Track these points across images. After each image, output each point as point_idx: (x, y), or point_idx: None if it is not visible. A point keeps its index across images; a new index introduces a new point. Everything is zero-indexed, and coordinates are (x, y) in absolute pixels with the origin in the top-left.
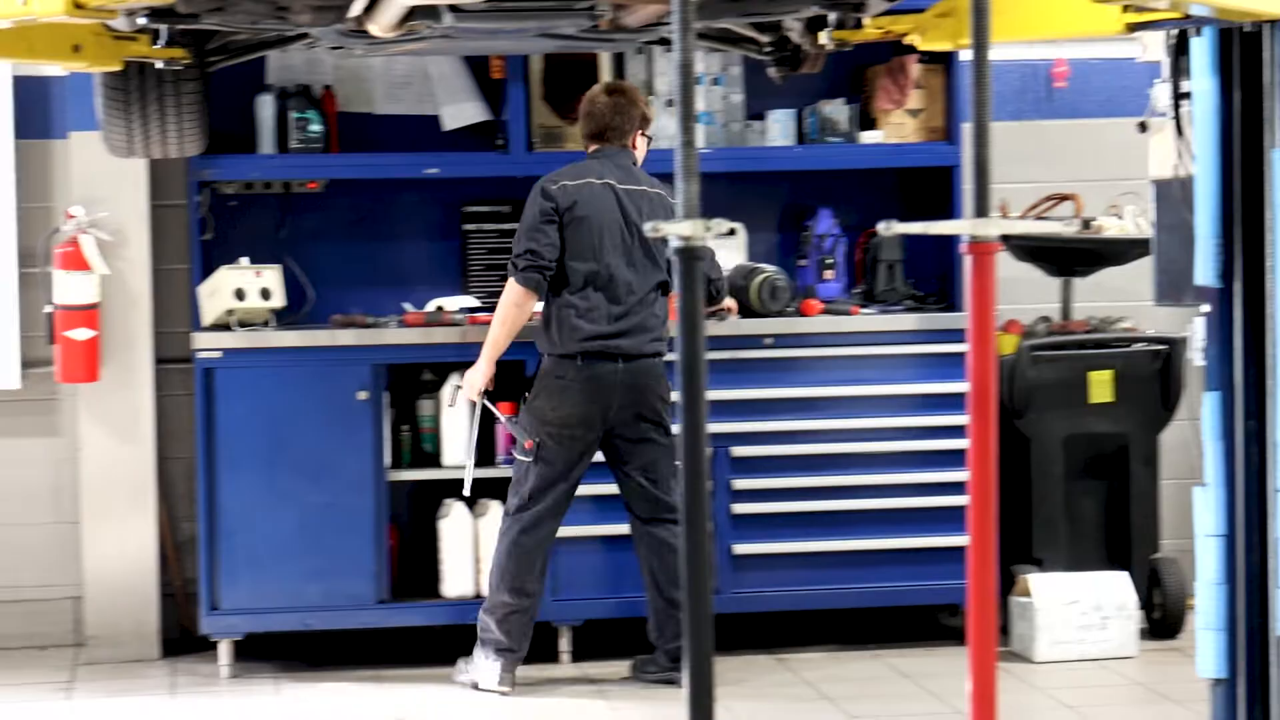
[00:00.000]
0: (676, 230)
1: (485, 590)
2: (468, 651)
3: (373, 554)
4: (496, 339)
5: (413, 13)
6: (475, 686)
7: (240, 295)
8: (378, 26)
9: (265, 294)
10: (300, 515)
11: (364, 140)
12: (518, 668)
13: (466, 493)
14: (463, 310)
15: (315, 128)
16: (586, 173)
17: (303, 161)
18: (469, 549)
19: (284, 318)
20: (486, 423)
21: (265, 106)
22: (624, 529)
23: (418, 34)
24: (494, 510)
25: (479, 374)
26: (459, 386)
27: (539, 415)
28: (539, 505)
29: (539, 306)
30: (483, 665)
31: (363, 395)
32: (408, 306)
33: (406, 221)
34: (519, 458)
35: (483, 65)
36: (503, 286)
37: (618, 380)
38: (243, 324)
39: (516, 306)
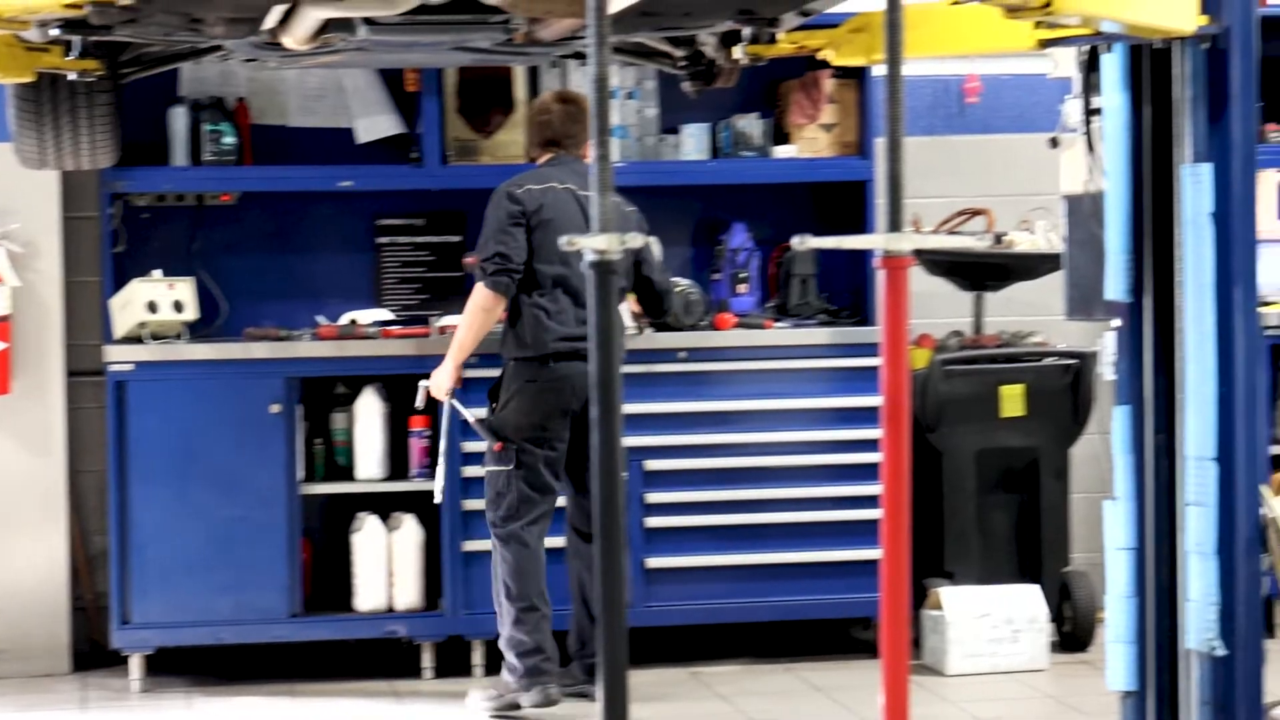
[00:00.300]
0: (591, 244)
1: (399, 603)
2: (380, 665)
3: (285, 567)
4: (463, 342)
5: (327, 25)
6: (515, 708)
7: (153, 308)
8: (292, 39)
9: (178, 307)
10: (212, 529)
11: (277, 153)
12: (556, 675)
13: (438, 499)
14: (376, 323)
15: (228, 140)
16: (548, 178)
17: (216, 174)
18: (382, 562)
19: (197, 331)
20: (403, 430)
21: (178, 118)
22: None
23: (332, 47)
24: (407, 523)
25: (445, 375)
26: (426, 387)
27: (513, 422)
28: (529, 515)
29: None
30: (523, 693)
31: (275, 408)
32: (321, 319)
33: (320, 234)
34: (492, 468)
35: (397, 78)
36: (415, 300)
37: (587, 382)
38: (155, 337)
39: (485, 311)
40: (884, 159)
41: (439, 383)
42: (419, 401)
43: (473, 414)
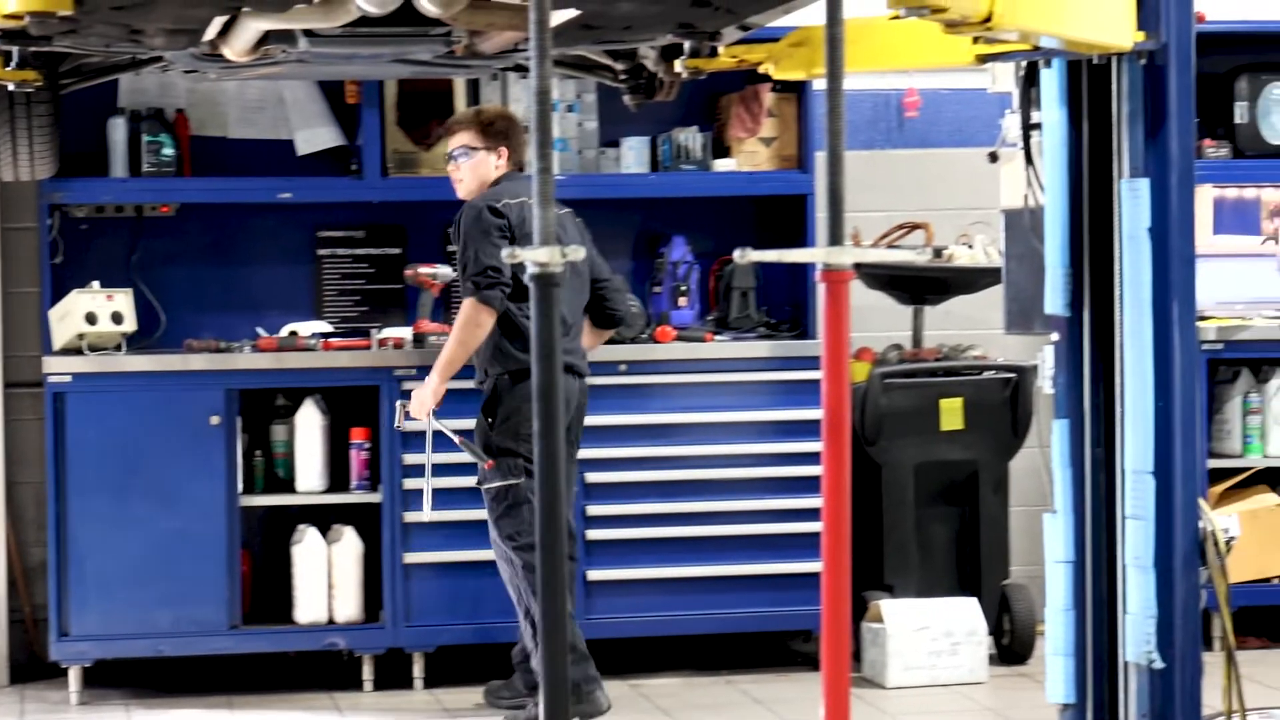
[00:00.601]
0: (532, 256)
1: (339, 615)
2: (320, 678)
3: (225, 580)
4: (453, 358)
5: (267, 37)
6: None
7: (91, 319)
8: (232, 50)
9: (117, 318)
10: (152, 541)
11: (217, 164)
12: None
13: (427, 517)
14: (316, 335)
15: (168, 151)
16: (517, 192)
17: (155, 185)
18: (322, 575)
19: (136, 342)
20: (343, 442)
21: (117, 129)
22: (478, 555)
23: (272, 58)
24: (347, 535)
25: (429, 392)
26: (405, 406)
27: (514, 434)
28: None
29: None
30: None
31: (215, 420)
32: (261, 331)
33: (260, 246)
34: (497, 484)
35: (337, 90)
36: (356, 312)
37: (574, 394)
38: (94, 348)
39: (476, 325)
40: (824, 173)
41: (422, 400)
42: (398, 421)
43: (454, 430)
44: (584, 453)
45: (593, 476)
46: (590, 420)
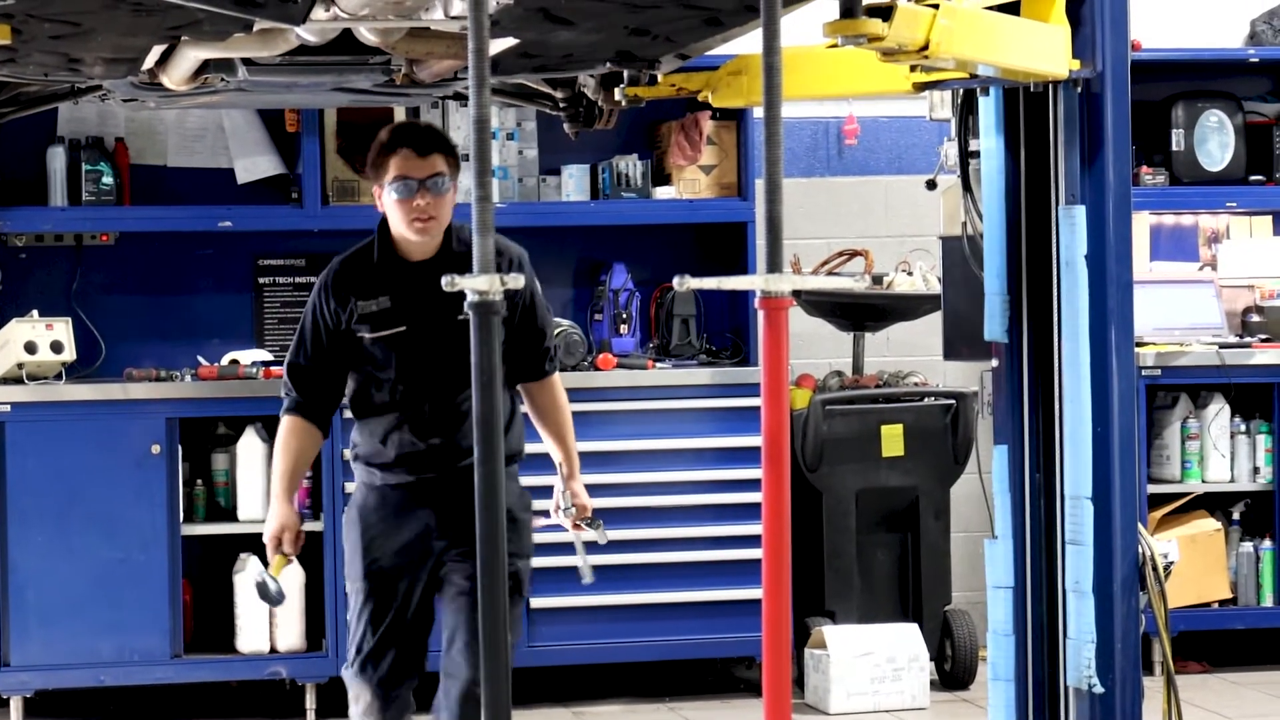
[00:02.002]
0: (472, 285)
1: (282, 644)
2: (262, 706)
3: (166, 609)
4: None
5: (206, 65)
6: None
7: (31, 349)
8: (171, 79)
9: (56, 347)
10: (93, 570)
11: (157, 193)
12: None
13: (588, 580)
14: (257, 364)
15: (107, 180)
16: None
17: (94, 214)
18: (264, 604)
19: (75, 371)
20: None
21: (56, 158)
22: None
23: (212, 87)
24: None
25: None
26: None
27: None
28: None
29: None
30: None
31: (156, 449)
32: (202, 360)
33: (200, 275)
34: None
35: (277, 118)
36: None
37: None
38: (33, 377)
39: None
40: (763, 200)
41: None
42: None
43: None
44: (525, 480)
45: (534, 503)
46: (530, 448)
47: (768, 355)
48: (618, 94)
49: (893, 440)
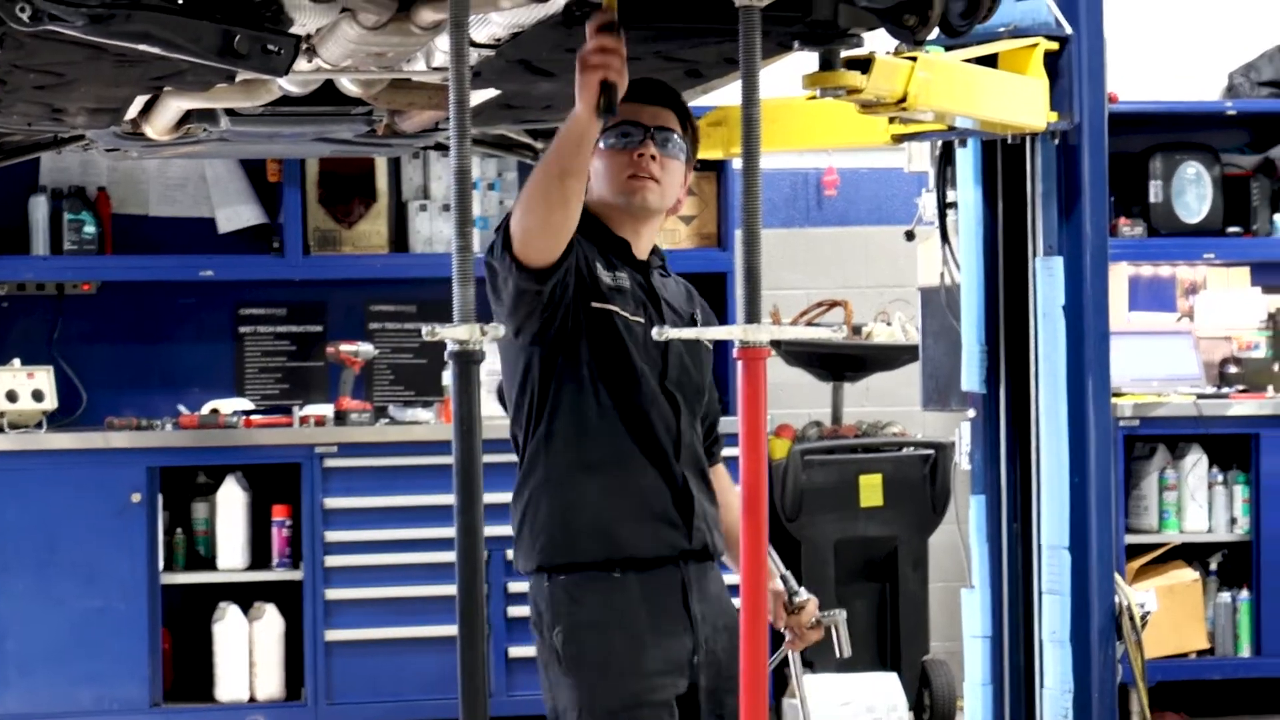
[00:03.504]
0: (452, 334)
1: (261, 693)
2: None
3: (146, 658)
4: None
5: (189, 115)
6: None
7: (12, 397)
8: (154, 129)
9: (37, 396)
10: (73, 619)
11: (138, 242)
12: None
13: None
14: (237, 413)
15: (89, 229)
16: None
17: (76, 263)
18: (243, 652)
19: (56, 420)
20: (265, 519)
21: (39, 207)
22: (400, 632)
23: (194, 137)
24: (269, 613)
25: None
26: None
27: None
28: None
29: None
30: None
31: (136, 498)
32: (182, 409)
33: (181, 324)
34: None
35: (259, 168)
36: (277, 389)
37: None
38: (14, 426)
39: None
40: (742, 250)
41: None
42: None
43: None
44: (505, 530)
45: (513, 554)
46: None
47: (746, 405)
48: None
49: (871, 490)
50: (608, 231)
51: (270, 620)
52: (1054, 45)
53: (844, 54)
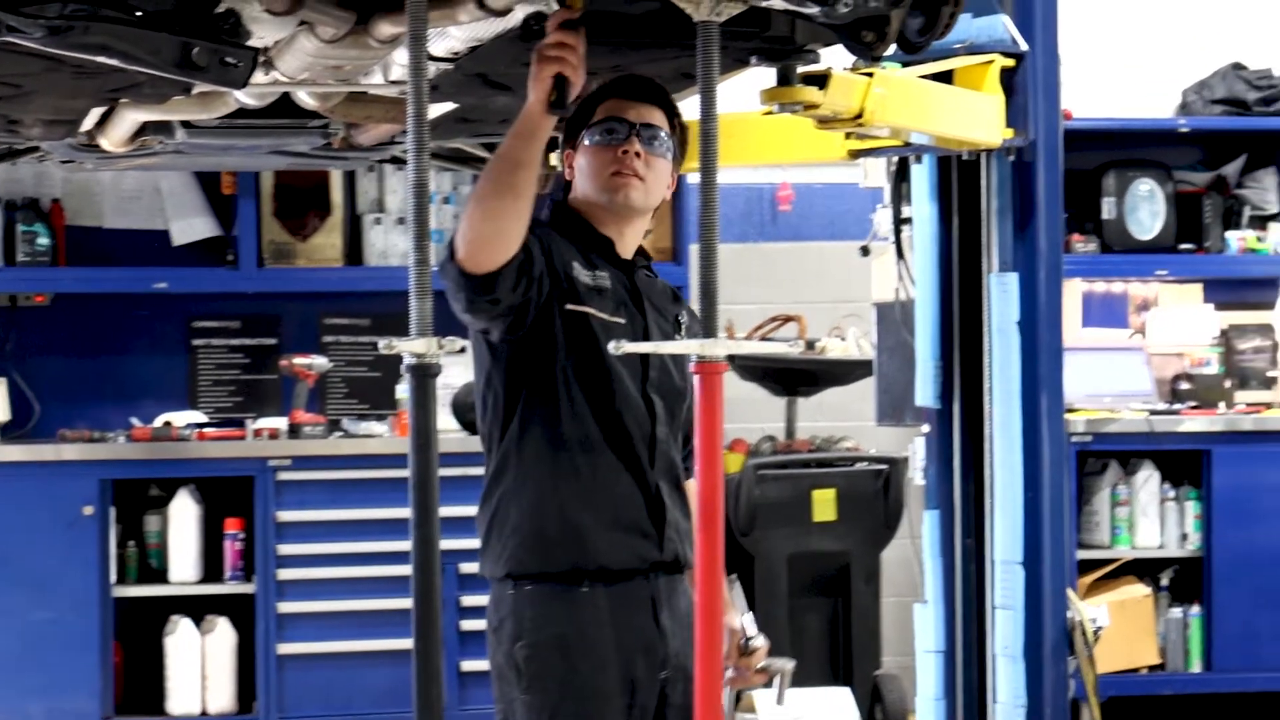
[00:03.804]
0: (410, 348)
1: (212, 706)
2: None
3: (97, 671)
4: None
5: (145, 128)
6: None
7: None
8: (110, 141)
9: None
10: (23, 632)
11: (92, 254)
12: None
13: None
14: (191, 425)
15: (43, 241)
16: None
17: (30, 275)
18: (195, 665)
19: (9, 432)
20: (217, 532)
21: None
22: (353, 645)
23: (150, 149)
24: (220, 626)
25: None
26: None
27: None
28: None
29: None
30: None
31: (88, 510)
32: (135, 421)
33: (135, 336)
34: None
35: (214, 181)
36: (230, 402)
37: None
38: None
39: None
40: (699, 265)
41: None
42: None
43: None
44: (459, 543)
45: (467, 567)
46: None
47: (703, 420)
48: (554, 159)
49: (824, 505)
50: (591, 230)
51: (222, 633)
52: (1010, 62)
53: (801, 69)
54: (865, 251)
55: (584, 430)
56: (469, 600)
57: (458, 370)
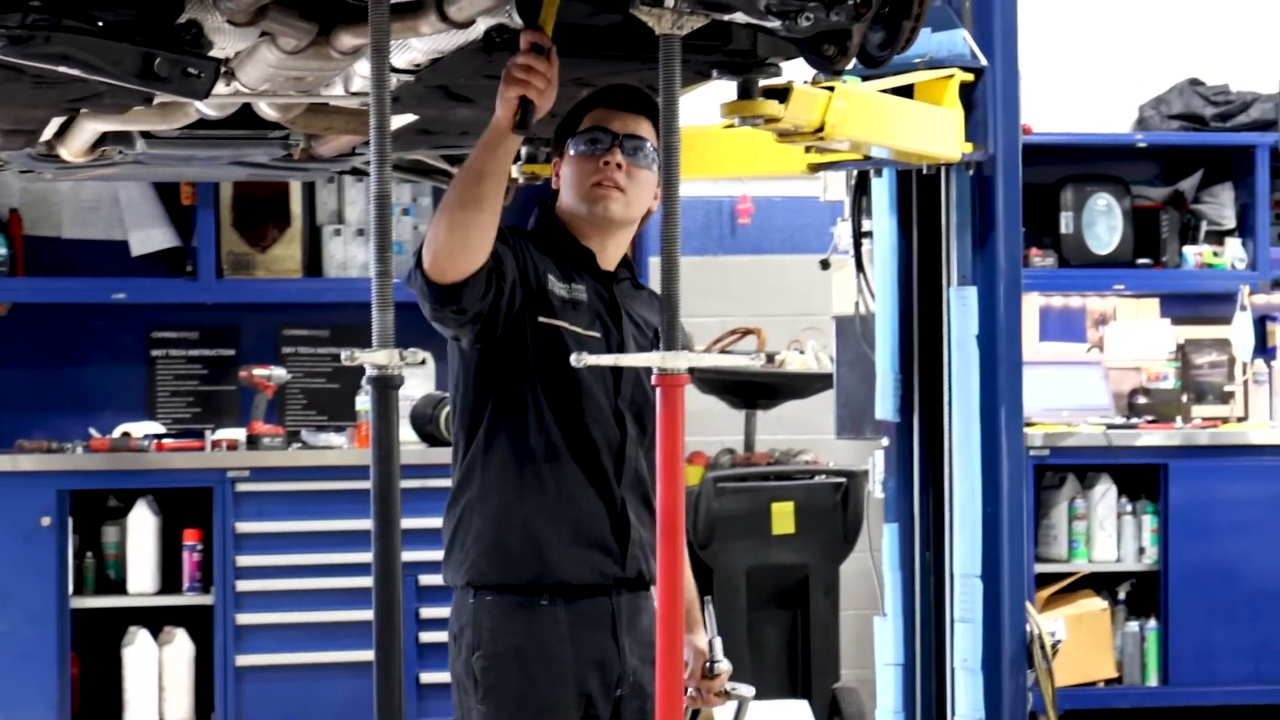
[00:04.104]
0: (371, 359)
1: (170, 718)
2: None
3: (54, 682)
4: None
5: (104, 138)
6: None
7: None
8: (69, 151)
9: None
10: None
11: (51, 264)
12: None
13: None
14: (149, 436)
15: (1, 251)
16: None
17: None
18: (153, 677)
19: None
20: (176, 543)
21: None
22: (311, 657)
23: (110, 159)
24: (179, 637)
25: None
26: None
27: None
28: None
29: None
30: None
31: (46, 521)
32: (94, 432)
33: (94, 347)
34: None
35: (173, 191)
36: (189, 413)
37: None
38: None
39: None
40: (660, 278)
41: None
42: None
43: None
44: (419, 555)
45: (427, 579)
46: (424, 523)
47: (664, 432)
48: (515, 171)
49: (783, 518)
50: (573, 241)
51: (180, 645)
52: (969, 77)
53: (762, 83)
54: (825, 265)
55: (550, 443)
56: (428, 612)
57: (417, 382)
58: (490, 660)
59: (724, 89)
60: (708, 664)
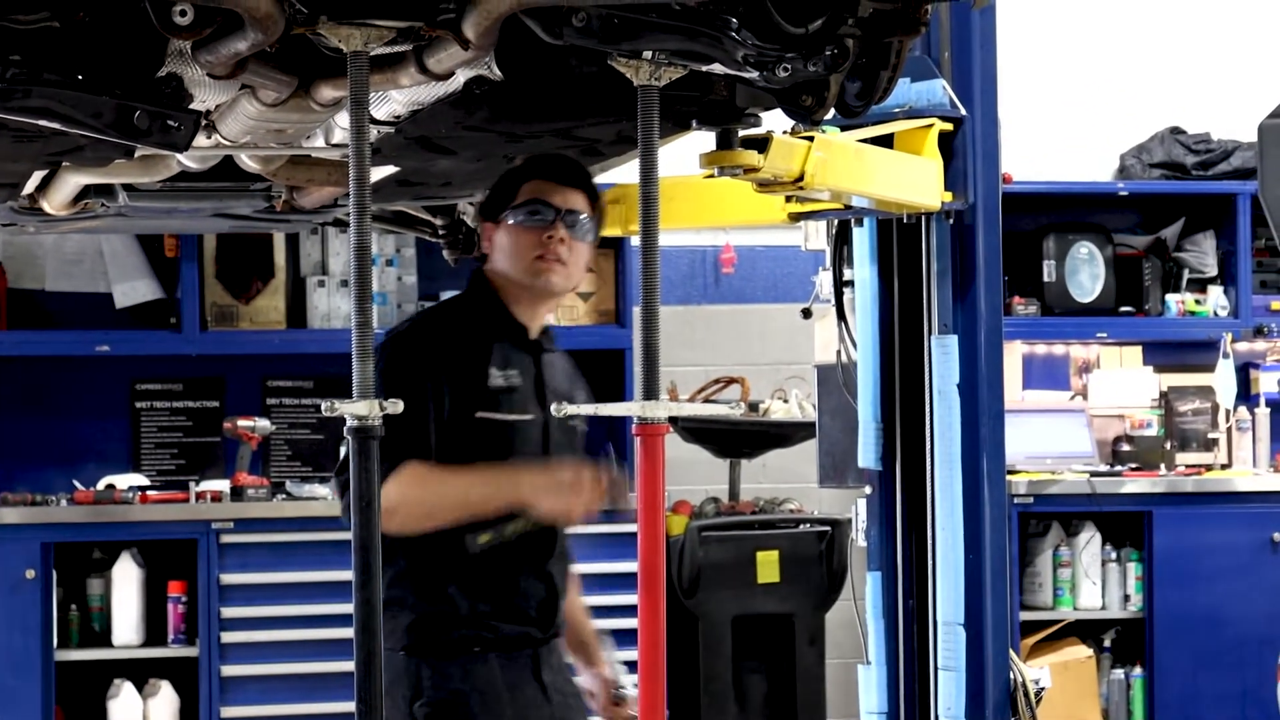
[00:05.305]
0: (351, 410)
1: None
2: None
3: None
4: None
5: (87, 190)
6: None
7: None
8: (52, 204)
9: None
10: None
11: (35, 317)
12: None
13: None
14: (133, 488)
15: None
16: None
17: None
18: None
19: None
20: (161, 596)
21: None
22: (295, 709)
23: (92, 212)
24: (164, 690)
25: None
26: None
27: None
28: None
29: None
30: None
31: (30, 574)
32: (78, 484)
33: (78, 399)
34: None
35: (156, 243)
36: (173, 465)
37: None
38: None
39: None
40: (640, 328)
41: None
42: None
43: None
44: None
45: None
46: None
47: (644, 482)
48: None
49: (768, 566)
50: (506, 315)
51: (165, 697)
52: (949, 126)
53: (741, 133)
54: (807, 314)
55: (488, 527)
56: None
57: None
58: (433, 707)
59: (702, 139)
60: (614, 690)
